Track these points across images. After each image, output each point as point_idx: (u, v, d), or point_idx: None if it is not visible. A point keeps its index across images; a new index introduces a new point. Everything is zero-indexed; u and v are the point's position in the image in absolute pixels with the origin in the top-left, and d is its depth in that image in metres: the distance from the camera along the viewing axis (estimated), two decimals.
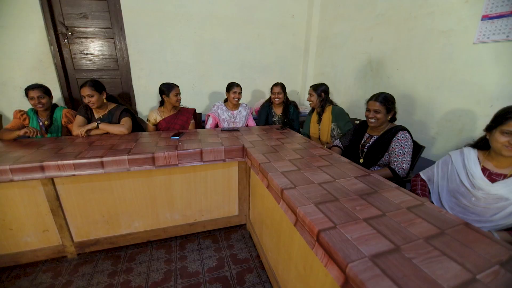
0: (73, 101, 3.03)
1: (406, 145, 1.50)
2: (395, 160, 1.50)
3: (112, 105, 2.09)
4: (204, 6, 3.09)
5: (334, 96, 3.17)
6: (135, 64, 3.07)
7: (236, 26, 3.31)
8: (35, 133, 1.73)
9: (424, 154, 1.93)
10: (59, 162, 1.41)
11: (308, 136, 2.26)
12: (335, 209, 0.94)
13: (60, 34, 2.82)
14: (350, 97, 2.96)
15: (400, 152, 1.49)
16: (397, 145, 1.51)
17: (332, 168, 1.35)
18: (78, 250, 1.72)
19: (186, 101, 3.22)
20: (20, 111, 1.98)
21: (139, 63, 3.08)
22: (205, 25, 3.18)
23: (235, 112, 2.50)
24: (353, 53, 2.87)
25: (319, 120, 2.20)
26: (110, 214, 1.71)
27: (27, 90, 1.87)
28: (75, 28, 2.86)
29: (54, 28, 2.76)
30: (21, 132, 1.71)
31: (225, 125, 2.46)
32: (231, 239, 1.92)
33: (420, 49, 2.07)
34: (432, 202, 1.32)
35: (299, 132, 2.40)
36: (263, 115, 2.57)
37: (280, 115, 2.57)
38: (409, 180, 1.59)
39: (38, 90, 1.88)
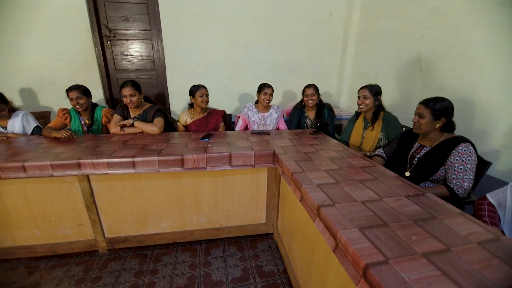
0: (113, 101, 3.19)
1: (469, 160, 1.26)
2: (454, 177, 1.28)
3: (147, 105, 2.13)
4: (238, 5, 3.05)
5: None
6: (170, 65, 3.14)
7: (269, 25, 3.21)
8: (68, 137, 1.81)
9: (488, 171, 1.64)
10: (94, 160, 1.45)
11: (346, 144, 2.07)
12: (385, 237, 0.79)
13: (104, 36, 2.98)
14: (392, 99, 2.68)
15: (461, 168, 1.26)
16: (457, 160, 1.28)
17: (377, 183, 1.18)
18: (108, 245, 1.77)
19: (216, 102, 3.21)
20: (63, 110, 2.10)
21: (174, 64, 3.14)
22: (237, 25, 3.14)
23: (266, 114, 2.41)
24: (398, 52, 2.60)
25: (366, 127, 1.94)
26: (140, 213, 1.72)
27: (67, 91, 1.96)
28: (117, 31, 3.01)
29: (98, 31, 2.93)
30: (58, 135, 1.80)
31: (255, 127, 2.38)
32: (257, 248, 1.83)
33: (483, 47, 1.77)
34: (503, 233, 1.09)
35: (334, 137, 2.22)
36: (295, 118, 2.44)
37: (313, 118, 2.41)
38: (470, 202, 1.35)
39: (76, 91, 1.97)
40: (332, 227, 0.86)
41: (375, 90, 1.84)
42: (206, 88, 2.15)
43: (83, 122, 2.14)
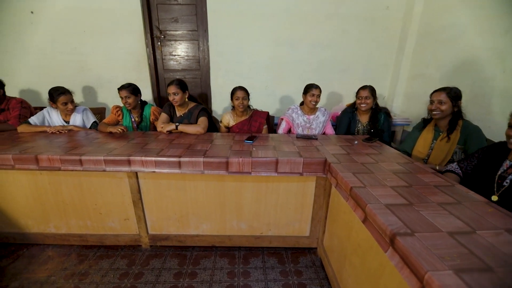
0: (160, 99, 3.33)
1: None
2: None
3: (192, 104, 2.14)
4: (285, 3, 2.93)
5: None
6: (214, 65, 3.15)
7: (318, 23, 3.03)
8: (121, 132, 1.89)
9: None
10: (143, 158, 1.45)
11: (408, 155, 1.81)
12: None
13: (155, 37, 3.11)
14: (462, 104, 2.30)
15: None
16: None
17: (461, 208, 0.96)
18: (151, 242, 1.79)
19: (257, 103, 3.12)
20: (117, 107, 2.21)
21: (218, 63, 3.15)
22: (283, 23, 3.02)
23: (312, 117, 2.25)
24: (472, 50, 2.22)
25: (437, 137, 1.65)
26: (182, 212, 1.71)
27: (118, 90, 2.07)
28: (167, 32, 3.12)
29: (150, 32, 3.06)
30: (114, 130, 1.89)
31: (299, 130, 2.24)
32: (299, 263, 1.68)
33: None
34: None
35: (389, 145, 1.97)
36: (344, 123, 2.23)
37: (365, 123, 2.18)
38: None
39: (125, 91, 2.05)
40: (415, 264, 0.69)
41: (454, 94, 1.56)
42: (244, 90, 2.07)
43: (133, 119, 2.23)
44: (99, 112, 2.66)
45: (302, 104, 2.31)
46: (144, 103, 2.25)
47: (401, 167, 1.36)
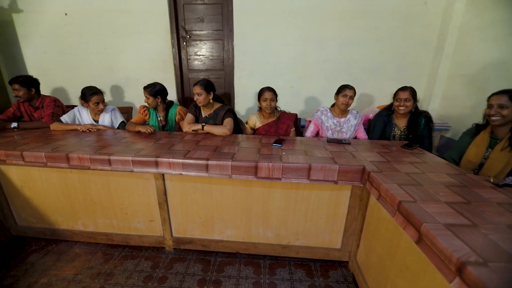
0: (184, 100, 3.33)
1: None
2: None
3: (217, 105, 2.09)
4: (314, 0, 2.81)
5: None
6: (238, 65, 3.10)
7: (348, 20, 2.87)
8: (149, 132, 1.88)
9: None
10: (171, 160, 1.42)
11: (456, 163, 1.63)
12: None
13: (180, 37, 3.12)
14: None
15: None
16: None
17: None
18: (175, 244, 1.76)
19: (281, 103, 2.99)
20: (144, 107, 2.21)
21: (242, 63, 3.09)
22: (312, 21, 2.89)
23: (342, 120, 2.11)
24: None
25: (493, 146, 1.47)
26: (207, 216, 1.66)
27: (143, 89, 2.06)
28: (193, 32, 3.11)
29: (176, 32, 3.07)
30: (142, 129, 1.88)
31: (329, 134, 2.11)
32: (329, 277, 1.57)
33: None
34: None
35: (430, 151, 1.78)
36: (379, 127, 2.07)
37: (403, 128, 2.00)
38: None
39: (146, 91, 2.06)
40: None
41: None
42: (272, 91, 1.98)
43: (159, 119, 2.22)
44: (126, 111, 2.70)
45: (333, 105, 2.18)
46: (170, 103, 2.23)
47: (453, 179, 1.21)
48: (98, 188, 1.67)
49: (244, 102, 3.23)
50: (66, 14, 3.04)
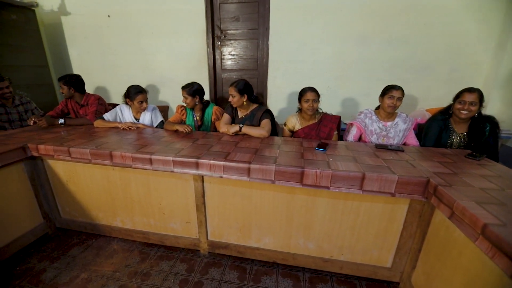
0: (216, 100, 3.32)
1: None
2: None
3: (254, 106, 2.01)
4: None
5: None
6: (272, 64, 3.01)
7: (393, 16, 2.65)
8: (187, 131, 1.85)
9: None
10: (212, 162, 1.36)
11: None
12: None
13: (216, 37, 3.11)
14: None
15: None
16: None
17: None
18: (210, 248, 1.71)
19: None
20: (181, 106, 2.21)
21: (277, 63, 3.00)
22: (352, 17, 2.72)
23: (389, 123, 1.93)
24: None
25: None
26: (244, 222, 1.58)
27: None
28: (228, 31, 3.08)
29: (212, 32, 3.06)
30: (181, 128, 1.86)
31: (373, 138, 1.94)
32: None
33: None
34: None
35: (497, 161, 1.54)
36: (434, 132, 1.85)
37: (463, 134, 1.78)
38: None
39: (184, 91, 2.04)
40: None
41: None
42: (314, 92, 1.87)
43: (195, 118, 2.20)
44: (162, 110, 2.73)
45: (377, 108, 2.01)
46: (207, 102, 2.21)
47: None
48: (138, 187, 1.67)
49: (277, 103, 3.14)
50: (108, 16, 3.17)
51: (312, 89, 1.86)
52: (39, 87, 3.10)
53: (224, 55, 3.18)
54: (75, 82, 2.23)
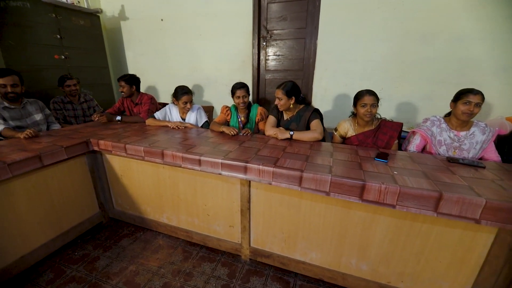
0: (258, 100, 3.28)
1: None
2: None
3: (300, 106, 1.91)
4: None
5: None
6: (320, 64, 2.86)
7: (464, 10, 2.30)
8: (232, 134, 1.82)
9: None
10: (261, 167, 1.30)
11: None
12: None
13: (261, 37, 3.06)
14: None
15: None
16: None
17: None
18: (251, 255, 1.66)
19: None
20: (226, 107, 2.20)
21: (325, 63, 2.84)
22: (414, 12, 2.42)
23: (463, 133, 1.65)
24: None
25: None
26: (290, 233, 1.49)
27: (236, 89, 2.02)
28: (274, 31, 3.01)
29: (258, 32, 3.02)
30: (226, 130, 1.85)
31: (442, 150, 1.68)
32: None
33: None
34: None
35: None
36: None
37: None
38: None
39: (243, 90, 2.03)
40: None
41: None
42: (373, 96, 1.68)
43: (239, 119, 2.18)
44: (207, 111, 2.77)
45: (448, 115, 1.75)
46: (250, 103, 2.17)
47: None
48: (185, 186, 1.69)
49: (322, 105, 2.97)
50: (162, 19, 3.34)
51: (371, 92, 1.68)
52: (100, 86, 3.40)
53: (268, 55, 3.12)
54: (136, 81, 2.39)
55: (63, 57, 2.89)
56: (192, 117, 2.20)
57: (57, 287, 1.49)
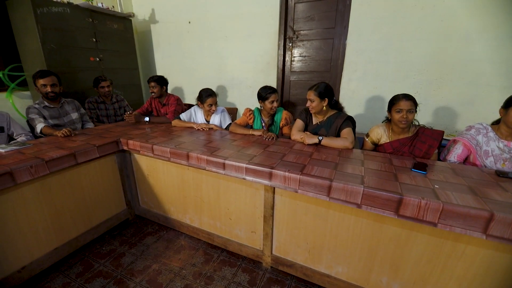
0: (282, 103, 3.22)
1: None
2: None
3: (332, 112, 1.82)
4: None
5: None
6: (349, 66, 2.73)
7: None
8: (268, 138, 1.80)
9: None
10: (286, 174, 1.25)
11: None
12: None
13: (287, 38, 3.00)
14: None
15: None
16: None
17: None
18: (273, 263, 1.61)
19: None
20: (249, 110, 2.17)
21: (354, 64, 2.71)
22: (457, 10, 2.22)
23: None
24: None
25: None
26: (315, 244, 1.42)
27: (269, 94, 1.96)
28: (301, 32, 2.94)
29: (284, 33, 2.96)
30: (257, 133, 1.85)
31: (488, 162, 1.51)
32: None
33: None
34: None
35: None
36: None
37: None
38: None
39: (276, 95, 1.99)
40: None
41: None
42: (411, 101, 1.53)
43: (263, 123, 2.14)
44: (231, 112, 2.76)
45: (496, 122, 1.57)
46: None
47: None
48: (209, 189, 1.69)
49: (350, 108, 2.83)
50: (189, 22, 3.41)
51: (408, 97, 1.55)
52: (130, 87, 3.55)
53: (294, 56, 3.05)
54: (165, 82, 2.46)
55: (97, 59, 3.05)
56: (216, 119, 2.21)
57: (85, 281, 1.55)
